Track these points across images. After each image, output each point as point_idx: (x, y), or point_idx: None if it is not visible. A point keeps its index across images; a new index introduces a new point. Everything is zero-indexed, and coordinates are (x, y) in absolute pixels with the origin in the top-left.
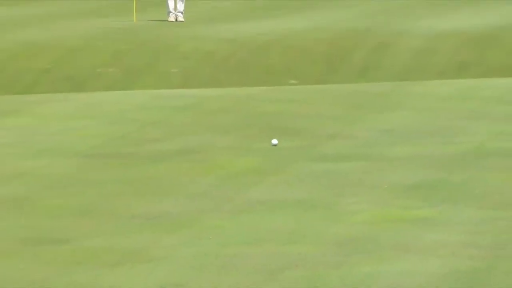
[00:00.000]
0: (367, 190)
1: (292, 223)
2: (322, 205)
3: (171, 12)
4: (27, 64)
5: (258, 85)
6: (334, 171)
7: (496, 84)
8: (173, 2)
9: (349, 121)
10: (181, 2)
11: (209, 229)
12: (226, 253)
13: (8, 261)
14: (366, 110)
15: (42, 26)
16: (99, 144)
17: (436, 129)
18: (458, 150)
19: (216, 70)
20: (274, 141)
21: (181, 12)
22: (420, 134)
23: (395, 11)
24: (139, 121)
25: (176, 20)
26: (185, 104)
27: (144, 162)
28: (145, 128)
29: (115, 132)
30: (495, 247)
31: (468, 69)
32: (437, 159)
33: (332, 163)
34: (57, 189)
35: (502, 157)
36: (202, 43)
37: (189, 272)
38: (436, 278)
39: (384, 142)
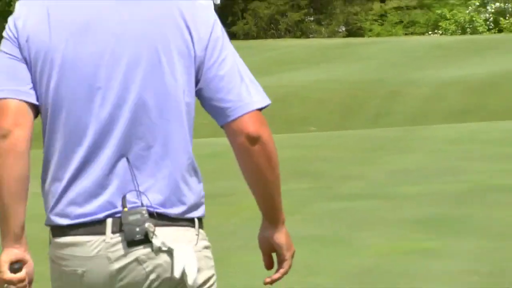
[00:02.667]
0: (379, 226)
1: (311, 257)
2: (338, 240)
3: None
4: None
5: (279, 133)
6: (349, 209)
7: (498, 127)
8: None
9: (363, 164)
10: None
11: (238, 264)
12: (253, 285)
13: None
14: (379, 153)
15: None
16: None
17: (443, 169)
18: (463, 188)
19: None
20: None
21: None
22: (428, 174)
23: (404, 62)
24: None
25: None
26: (213, 152)
27: None
28: None
29: None
30: (495, 274)
31: (471, 114)
32: (444, 196)
33: (347, 202)
34: None
35: (503, 193)
36: None
37: None
38: None
39: (395, 182)
